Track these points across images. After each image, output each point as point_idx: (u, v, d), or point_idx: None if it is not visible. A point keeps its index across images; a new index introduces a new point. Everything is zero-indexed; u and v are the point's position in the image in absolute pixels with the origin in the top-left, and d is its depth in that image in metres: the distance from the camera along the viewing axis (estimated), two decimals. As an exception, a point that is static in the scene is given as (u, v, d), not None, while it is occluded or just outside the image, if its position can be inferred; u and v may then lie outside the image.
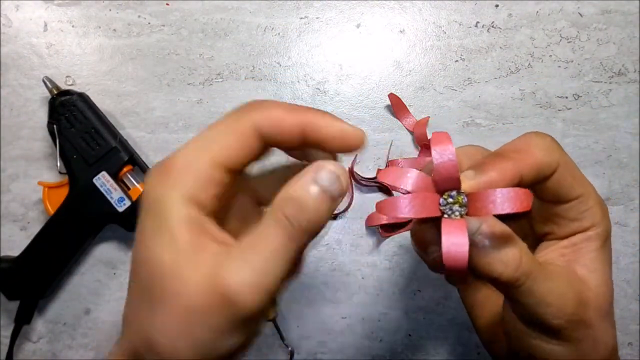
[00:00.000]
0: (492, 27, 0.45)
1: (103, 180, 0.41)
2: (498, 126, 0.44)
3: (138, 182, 0.42)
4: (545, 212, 0.27)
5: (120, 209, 0.41)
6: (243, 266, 0.20)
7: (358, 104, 0.45)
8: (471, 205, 0.22)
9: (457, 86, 0.45)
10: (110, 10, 0.45)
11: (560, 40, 0.45)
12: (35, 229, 0.42)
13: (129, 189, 0.42)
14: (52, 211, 0.42)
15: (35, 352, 0.44)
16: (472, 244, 0.22)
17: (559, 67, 0.45)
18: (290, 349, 0.43)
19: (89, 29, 0.45)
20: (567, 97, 0.44)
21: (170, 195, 0.21)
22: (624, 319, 0.44)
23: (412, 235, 0.27)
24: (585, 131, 0.44)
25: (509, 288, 0.24)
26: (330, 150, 0.24)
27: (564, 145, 0.45)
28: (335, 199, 0.22)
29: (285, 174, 0.26)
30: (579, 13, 0.45)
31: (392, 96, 0.44)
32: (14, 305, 0.42)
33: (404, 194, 0.22)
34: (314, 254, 0.44)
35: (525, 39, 0.45)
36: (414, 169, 0.22)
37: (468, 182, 0.23)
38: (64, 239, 0.42)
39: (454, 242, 0.20)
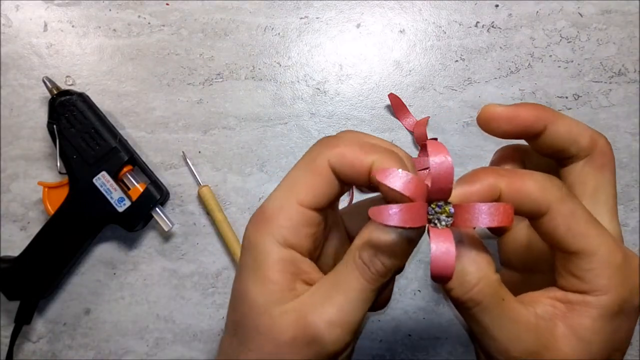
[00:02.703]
0: (492, 27, 0.45)
1: (103, 180, 0.41)
2: (498, 126, 0.44)
3: (138, 182, 0.42)
4: (554, 255, 0.25)
5: (120, 209, 0.41)
6: (328, 304, 0.22)
7: (358, 104, 0.45)
8: (455, 217, 0.22)
9: (457, 86, 0.45)
10: (110, 10, 0.45)
11: (560, 40, 0.45)
12: (35, 229, 0.42)
13: (129, 189, 0.42)
14: (52, 211, 0.42)
15: (35, 352, 0.44)
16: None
17: (559, 67, 0.45)
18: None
19: (89, 29, 0.45)
20: (567, 97, 0.44)
21: (265, 240, 0.23)
22: (624, 319, 0.44)
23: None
24: (585, 131, 0.44)
25: (458, 306, 0.23)
26: None
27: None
28: (412, 240, 0.23)
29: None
30: (579, 13, 0.45)
31: (392, 96, 0.44)
32: (14, 305, 0.42)
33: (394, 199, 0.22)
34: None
35: (525, 39, 0.45)
36: (411, 174, 0.22)
37: (454, 191, 0.22)
38: (64, 239, 0.42)
39: (442, 250, 0.21)
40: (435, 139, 0.44)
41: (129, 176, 0.42)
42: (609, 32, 0.44)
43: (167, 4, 0.45)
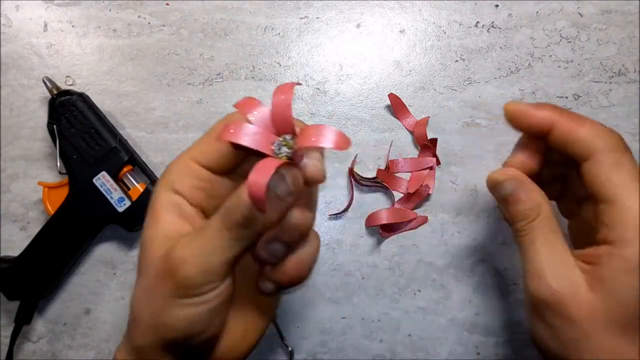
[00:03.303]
0: (492, 27, 0.45)
1: (103, 180, 0.41)
2: (498, 126, 0.44)
3: (138, 182, 0.42)
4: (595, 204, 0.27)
5: (120, 209, 0.41)
6: (189, 245, 0.24)
7: (358, 104, 0.45)
8: (298, 139, 0.24)
9: (457, 86, 0.45)
10: (110, 10, 0.45)
11: (560, 40, 0.45)
12: (35, 229, 0.42)
13: (129, 189, 0.42)
14: (52, 211, 0.42)
15: (35, 352, 0.44)
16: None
17: (559, 67, 0.45)
18: (290, 349, 0.43)
19: (89, 29, 0.45)
20: (567, 97, 0.44)
21: (159, 188, 0.27)
22: (624, 319, 0.44)
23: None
24: (585, 131, 0.44)
25: (517, 232, 0.28)
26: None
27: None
28: (279, 199, 0.24)
29: None
30: (579, 13, 0.45)
31: (392, 96, 0.44)
32: (14, 305, 0.42)
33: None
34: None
35: (525, 39, 0.45)
36: (266, 107, 0.24)
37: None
38: (64, 239, 0.42)
39: (257, 177, 0.22)
40: (436, 139, 0.44)
41: (129, 176, 0.42)
42: (609, 32, 0.44)
43: (167, 4, 0.45)
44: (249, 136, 0.23)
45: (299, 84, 0.25)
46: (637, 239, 0.23)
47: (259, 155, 0.23)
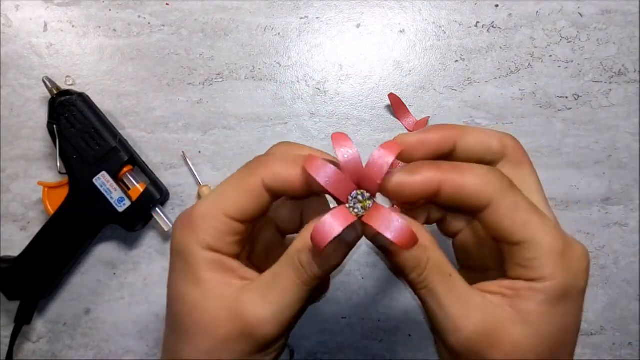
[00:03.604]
0: (492, 27, 0.45)
1: (103, 180, 0.41)
2: (498, 126, 0.44)
3: (138, 182, 0.42)
4: (499, 247, 0.25)
5: (120, 209, 0.41)
6: (262, 302, 0.23)
7: (358, 104, 0.45)
8: (367, 212, 0.23)
9: (457, 86, 0.45)
10: (110, 10, 0.45)
11: (560, 40, 0.45)
12: (35, 229, 0.42)
13: (129, 189, 0.42)
14: (52, 211, 0.42)
15: (35, 352, 0.44)
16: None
17: (559, 67, 0.45)
18: (290, 349, 0.43)
19: (89, 29, 0.45)
20: (567, 97, 0.44)
21: (191, 244, 0.25)
22: (624, 319, 0.44)
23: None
24: (585, 131, 0.44)
25: (413, 288, 0.25)
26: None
27: (564, 145, 0.45)
28: (349, 246, 0.24)
29: (301, 203, 0.28)
30: (579, 13, 0.45)
31: (392, 96, 0.44)
32: (14, 305, 0.42)
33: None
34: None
35: (525, 39, 0.45)
36: (334, 168, 0.23)
37: (386, 180, 0.24)
38: (64, 239, 0.42)
39: (331, 223, 0.22)
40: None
41: (129, 176, 0.42)
42: (609, 32, 0.44)
43: (167, 4, 0.45)
44: (329, 179, 0.22)
45: (402, 148, 0.23)
46: (555, 273, 0.23)
47: (322, 195, 0.23)
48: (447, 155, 0.26)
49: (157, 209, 0.42)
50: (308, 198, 0.28)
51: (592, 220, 0.44)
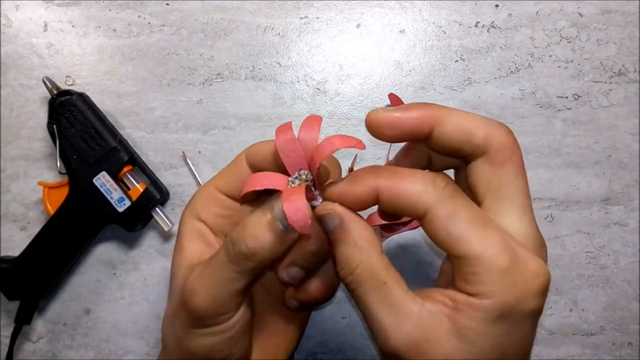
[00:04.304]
0: (492, 27, 0.45)
1: (103, 180, 0.41)
2: (498, 126, 0.44)
3: (138, 182, 0.42)
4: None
5: (120, 209, 0.41)
6: (199, 276, 0.25)
7: (358, 104, 0.45)
8: (283, 195, 0.23)
9: (457, 86, 0.45)
10: (110, 10, 0.45)
11: (560, 40, 0.45)
12: (35, 229, 0.42)
13: (129, 189, 0.42)
14: (52, 211, 0.42)
15: (35, 352, 0.44)
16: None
17: (559, 67, 0.45)
18: (290, 349, 0.43)
19: (89, 29, 0.45)
20: (567, 97, 0.44)
21: (185, 215, 0.28)
22: (624, 319, 0.44)
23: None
24: (585, 131, 0.44)
25: (347, 289, 0.24)
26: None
27: (564, 145, 0.45)
28: (285, 232, 0.23)
29: None
30: (579, 13, 0.45)
31: (392, 96, 0.44)
32: (14, 305, 0.42)
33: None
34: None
35: (525, 39, 0.45)
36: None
37: (330, 188, 0.24)
38: (64, 239, 0.42)
39: (294, 203, 0.22)
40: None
41: (129, 176, 0.42)
42: (609, 32, 0.44)
43: (167, 4, 0.45)
44: (285, 146, 0.24)
45: (361, 147, 0.23)
46: (495, 291, 0.21)
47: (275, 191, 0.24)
48: (422, 140, 0.25)
49: (157, 209, 0.42)
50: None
51: (592, 220, 0.44)
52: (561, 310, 0.44)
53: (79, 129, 0.41)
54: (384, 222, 0.42)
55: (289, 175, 0.24)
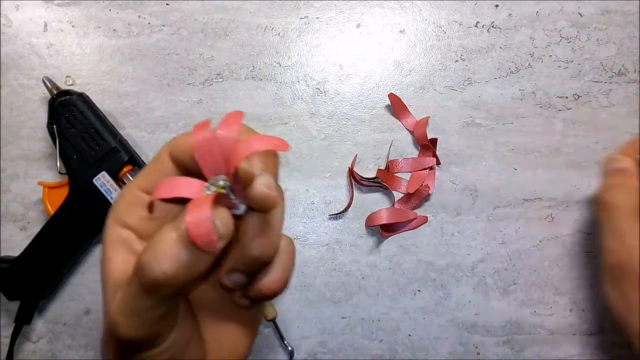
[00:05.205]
0: (492, 27, 0.45)
1: (103, 181, 0.41)
2: (498, 126, 0.44)
3: (138, 182, 0.42)
4: None
5: (120, 209, 0.41)
6: (117, 308, 0.22)
7: (358, 104, 0.45)
8: (200, 198, 0.20)
9: (457, 86, 0.45)
10: (110, 10, 0.45)
11: (560, 40, 0.45)
12: (35, 229, 0.42)
13: (129, 189, 0.42)
14: (52, 211, 0.42)
15: (35, 352, 0.44)
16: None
17: (559, 67, 0.45)
18: (290, 349, 0.43)
19: (89, 29, 0.45)
20: (567, 97, 0.44)
21: (109, 223, 0.25)
22: (624, 319, 0.44)
23: None
24: (585, 131, 0.44)
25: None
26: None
27: (564, 145, 0.45)
28: (201, 248, 0.20)
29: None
30: (579, 13, 0.45)
31: (392, 96, 0.44)
32: (14, 305, 0.42)
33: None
34: (314, 254, 0.44)
35: (525, 39, 0.45)
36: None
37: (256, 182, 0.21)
38: (64, 239, 0.42)
39: (197, 213, 0.19)
40: (436, 139, 0.44)
41: (129, 176, 0.42)
42: (609, 32, 0.44)
43: (167, 4, 0.45)
44: (202, 147, 0.20)
45: (283, 148, 0.20)
46: None
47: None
48: None
49: (157, 209, 0.42)
50: None
51: (592, 220, 0.44)
52: (561, 310, 0.44)
53: (79, 129, 0.41)
54: (384, 222, 0.43)
55: (205, 180, 0.21)
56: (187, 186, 0.20)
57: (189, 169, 0.24)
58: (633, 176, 0.36)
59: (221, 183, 0.20)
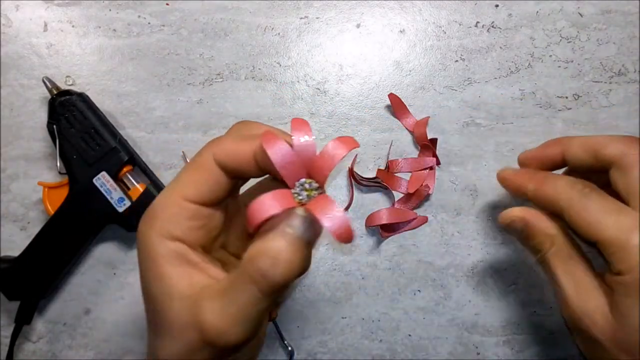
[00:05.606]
0: (492, 27, 0.45)
1: (103, 181, 0.41)
2: (498, 126, 0.44)
3: (138, 182, 0.42)
4: None
5: (120, 209, 0.41)
6: (221, 313, 0.22)
7: (358, 104, 0.45)
8: (313, 202, 0.22)
9: (457, 86, 0.45)
10: (110, 10, 0.45)
11: (560, 40, 0.45)
12: (35, 229, 0.42)
13: (128, 189, 0.42)
14: (52, 211, 0.42)
15: (35, 352, 0.44)
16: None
17: (559, 67, 0.45)
18: (290, 349, 0.43)
19: (89, 29, 0.45)
20: (567, 97, 0.44)
21: (151, 235, 0.24)
22: (624, 319, 0.44)
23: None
24: (585, 131, 0.44)
25: (540, 260, 0.31)
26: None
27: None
28: (311, 244, 0.22)
29: (271, 187, 0.27)
30: (579, 13, 0.45)
31: (392, 96, 0.44)
32: (14, 305, 0.42)
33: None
34: (314, 254, 0.44)
35: (525, 39, 0.45)
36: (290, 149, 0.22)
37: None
38: (64, 239, 0.42)
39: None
40: (436, 139, 0.44)
41: (129, 176, 0.42)
42: (609, 32, 0.44)
43: (167, 4, 0.45)
44: (281, 157, 0.22)
45: (357, 146, 0.23)
46: (633, 267, 0.25)
47: (274, 182, 0.22)
48: (560, 165, 0.33)
49: (157, 209, 0.42)
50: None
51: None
52: (561, 310, 0.44)
53: (78, 129, 0.41)
54: (384, 222, 0.43)
55: (286, 186, 0.23)
56: (279, 200, 0.22)
57: (241, 175, 0.24)
58: (539, 219, 0.31)
59: (307, 186, 0.23)
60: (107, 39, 0.45)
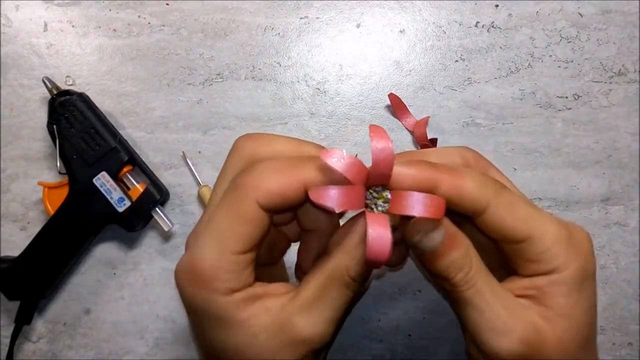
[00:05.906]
0: (492, 27, 0.45)
1: (103, 181, 0.41)
2: (498, 126, 0.44)
3: (138, 182, 0.42)
4: (502, 248, 0.25)
5: (120, 209, 0.41)
6: (314, 319, 0.23)
7: (358, 104, 0.45)
8: (391, 203, 0.22)
9: (457, 86, 0.45)
10: (110, 10, 0.45)
11: (560, 40, 0.45)
12: (35, 229, 0.42)
13: (128, 189, 0.42)
14: (52, 211, 0.42)
15: (35, 352, 0.44)
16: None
17: (559, 67, 0.45)
18: (290, 349, 0.43)
19: (89, 29, 0.45)
20: (567, 97, 0.44)
21: (213, 297, 0.23)
22: (624, 319, 0.44)
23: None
24: (585, 131, 0.44)
25: (453, 291, 0.24)
26: None
27: (564, 145, 0.45)
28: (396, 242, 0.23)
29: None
30: (579, 13, 0.45)
31: (392, 96, 0.44)
32: (14, 305, 0.42)
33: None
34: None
35: (525, 39, 0.45)
36: (352, 157, 0.22)
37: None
38: (64, 239, 0.42)
39: (379, 234, 0.21)
40: (436, 139, 0.44)
41: (129, 176, 0.42)
42: (609, 32, 0.44)
43: (167, 4, 0.45)
44: (337, 198, 0.21)
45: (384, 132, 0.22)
46: (568, 261, 0.23)
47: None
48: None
49: (157, 209, 0.42)
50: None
51: (592, 220, 0.44)
52: (561, 310, 0.44)
53: (78, 129, 0.41)
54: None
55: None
56: (356, 197, 0.22)
57: (285, 211, 0.25)
58: (454, 227, 0.25)
59: (384, 195, 0.23)
60: (107, 39, 0.45)
